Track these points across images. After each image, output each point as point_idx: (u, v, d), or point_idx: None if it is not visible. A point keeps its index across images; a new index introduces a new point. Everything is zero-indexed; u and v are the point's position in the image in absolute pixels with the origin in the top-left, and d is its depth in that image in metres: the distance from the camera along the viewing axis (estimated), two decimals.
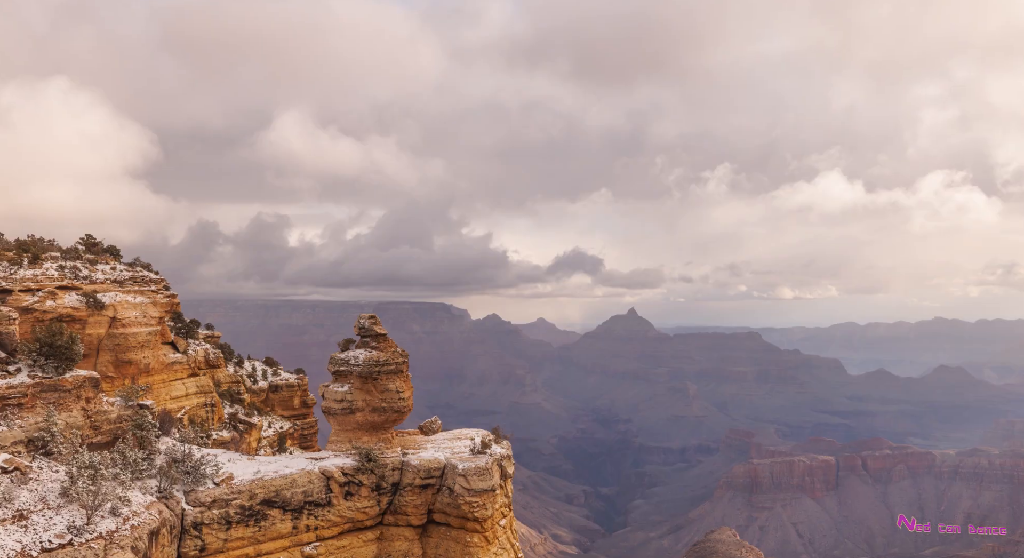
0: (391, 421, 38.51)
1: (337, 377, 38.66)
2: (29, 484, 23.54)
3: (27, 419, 27.71)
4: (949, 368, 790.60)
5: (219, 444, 51.53)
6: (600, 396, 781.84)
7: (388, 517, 36.28)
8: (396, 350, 38.75)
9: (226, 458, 35.46)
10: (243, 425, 63.86)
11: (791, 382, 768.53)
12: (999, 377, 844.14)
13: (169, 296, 57.73)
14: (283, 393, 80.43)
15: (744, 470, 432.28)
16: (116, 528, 22.92)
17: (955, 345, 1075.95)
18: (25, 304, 44.54)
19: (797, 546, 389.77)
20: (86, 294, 48.91)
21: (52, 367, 29.83)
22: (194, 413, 57.66)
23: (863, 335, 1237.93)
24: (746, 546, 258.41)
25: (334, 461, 35.77)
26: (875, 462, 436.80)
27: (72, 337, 30.79)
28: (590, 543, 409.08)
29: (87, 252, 54.40)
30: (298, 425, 77.09)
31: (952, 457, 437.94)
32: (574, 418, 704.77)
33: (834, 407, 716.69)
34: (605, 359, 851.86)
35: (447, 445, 40.30)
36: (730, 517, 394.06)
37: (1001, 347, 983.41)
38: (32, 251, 48.79)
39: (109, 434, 32.00)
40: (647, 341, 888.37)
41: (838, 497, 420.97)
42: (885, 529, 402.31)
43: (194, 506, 30.14)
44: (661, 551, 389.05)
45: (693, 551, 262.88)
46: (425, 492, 36.48)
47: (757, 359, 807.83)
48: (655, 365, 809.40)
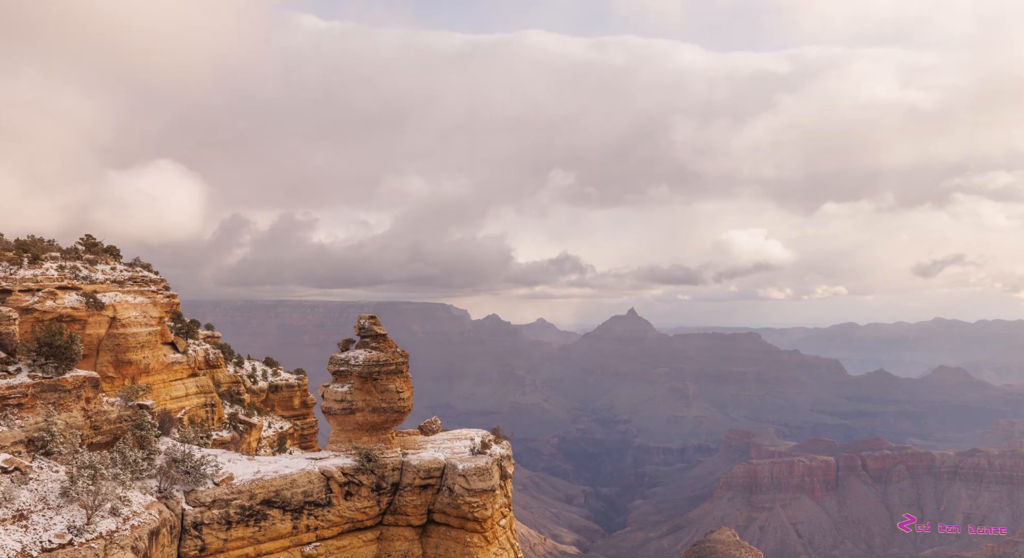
0: (391, 421, 38.53)
1: (337, 377, 38.68)
2: (29, 484, 23.55)
3: (27, 419, 27.72)
4: (949, 368, 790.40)
5: (219, 444, 51.55)
6: (600, 396, 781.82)
7: (388, 517, 36.28)
8: (396, 350, 38.77)
9: (226, 458, 35.46)
10: (243, 425, 63.87)
11: (791, 382, 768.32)
12: (999, 377, 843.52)
13: (169, 296, 57.80)
14: (283, 393, 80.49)
15: (744, 470, 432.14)
16: (116, 528, 22.93)
17: (955, 345, 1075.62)
18: (25, 304, 44.54)
19: (797, 546, 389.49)
20: (86, 294, 48.93)
21: (52, 367, 29.86)
22: (194, 413, 57.69)
23: (863, 335, 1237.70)
24: (746, 546, 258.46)
25: (334, 461, 35.78)
26: (875, 462, 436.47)
27: (72, 337, 30.82)
28: (590, 543, 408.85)
29: (87, 252, 54.43)
30: (298, 425, 77.13)
31: (952, 457, 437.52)
32: (574, 418, 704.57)
33: (834, 407, 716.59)
34: (605, 359, 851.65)
35: (447, 445, 40.30)
36: (730, 517, 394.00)
37: (1001, 347, 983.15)
38: (32, 251, 48.78)
39: (109, 434, 32.03)
40: (647, 341, 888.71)
41: (838, 497, 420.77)
42: (885, 529, 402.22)
43: (194, 506, 30.14)
44: (661, 551, 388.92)
45: (693, 551, 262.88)
46: (425, 492, 36.48)
47: (757, 359, 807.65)
48: (655, 365, 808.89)
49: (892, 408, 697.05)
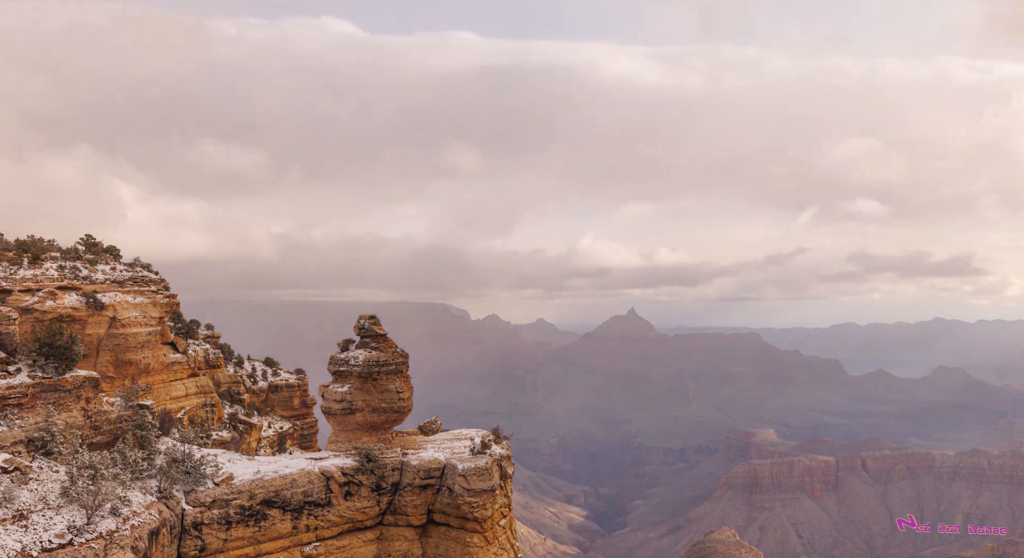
0: (391, 421, 38.53)
1: (337, 377, 38.67)
2: (29, 484, 23.55)
3: (27, 419, 27.73)
4: (949, 368, 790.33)
5: (219, 444, 51.59)
6: (600, 396, 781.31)
7: (388, 517, 36.27)
8: (396, 350, 38.77)
9: (226, 458, 35.45)
10: (243, 425, 63.88)
11: (791, 382, 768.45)
12: (999, 377, 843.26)
13: (169, 296, 57.81)
14: (283, 393, 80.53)
15: (744, 470, 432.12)
16: (116, 528, 22.94)
17: (955, 345, 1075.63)
18: (25, 304, 44.57)
19: (797, 546, 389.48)
20: (86, 294, 48.95)
21: (52, 367, 29.85)
22: (194, 413, 57.69)
23: (863, 335, 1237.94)
24: (746, 546, 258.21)
25: (334, 461, 35.76)
26: (875, 462, 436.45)
27: (72, 337, 30.81)
28: (590, 543, 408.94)
29: (87, 252, 54.42)
30: (298, 425, 77.15)
31: (952, 457, 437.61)
32: (574, 418, 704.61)
33: (834, 407, 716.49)
34: (605, 359, 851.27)
35: (447, 445, 40.29)
36: (730, 517, 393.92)
37: (1001, 347, 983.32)
38: (32, 251, 48.82)
39: (109, 434, 32.04)
40: (647, 341, 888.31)
41: (838, 497, 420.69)
42: (885, 529, 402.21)
43: (194, 506, 30.14)
44: (661, 551, 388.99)
45: (693, 551, 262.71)
46: (425, 492, 36.47)
47: (757, 359, 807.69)
48: (655, 365, 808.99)
49: (892, 408, 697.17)
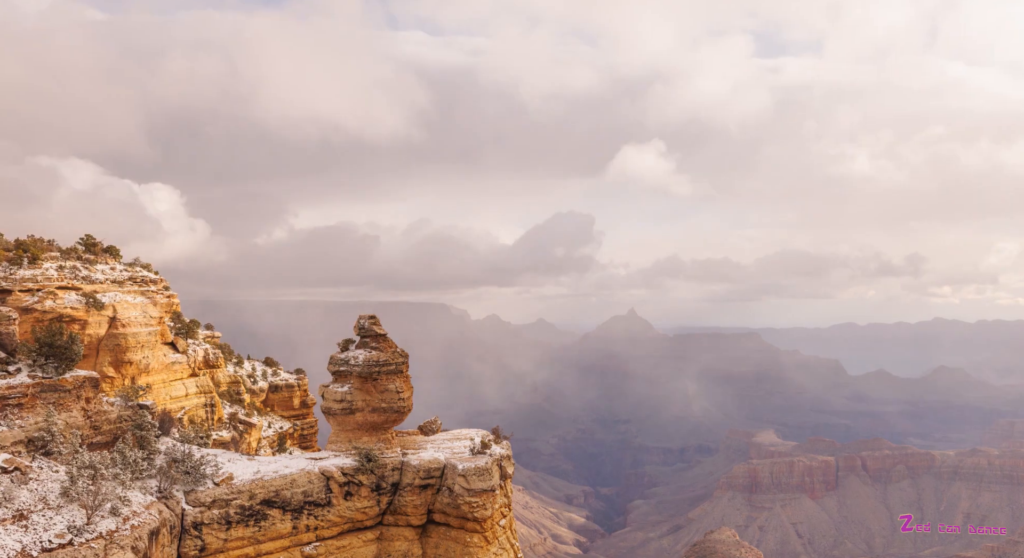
0: (391, 421, 38.51)
1: (337, 377, 38.66)
2: (29, 484, 23.55)
3: (27, 419, 27.72)
4: (949, 368, 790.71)
5: (219, 444, 51.60)
6: (600, 396, 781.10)
7: (388, 517, 36.27)
8: (396, 350, 38.76)
9: (226, 458, 35.44)
10: (243, 425, 63.85)
11: (791, 382, 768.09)
12: (999, 377, 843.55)
13: (169, 296, 57.81)
14: (283, 393, 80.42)
15: (744, 470, 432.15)
16: (116, 528, 22.93)
17: (955, 345, 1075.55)
18: (25, 304, 44.56)
19: (796, 546, 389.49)
20: (86, 294, 48.93)
21: (52, 367, 29.84)
22: (194, 413, 57.68)
23: (863, 335, 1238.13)
24: (746, 546, 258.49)
25: (334, 461, 35.76)
26: (875, 462, 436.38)
27: (72, 337, 30.81)
28: (590, 543, 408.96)
29: (86, 252, 54.39)
30: (298, 425, 77.09)
31: (952, 457, 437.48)
32: (574, 418, 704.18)
33: (834, 407, 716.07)
34: (605, 359, 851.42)
35: (447, 445, 40.29)
36: (730, 517, 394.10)
37: (1001, 347, 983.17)
38: (31, 251, 48.77)
39: (109, 434, 32.01)
40: (647, 341, 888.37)
41: (838, 497, 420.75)
42: (885, 529, 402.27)
43: (194, 506, 30.14)
44: (661, 551, 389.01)
45: (693, 551, 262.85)
46: (425, 492, 36.46)
47: (757, 359, 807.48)
48: (655, 365, 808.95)
49: (892, 408, 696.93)
